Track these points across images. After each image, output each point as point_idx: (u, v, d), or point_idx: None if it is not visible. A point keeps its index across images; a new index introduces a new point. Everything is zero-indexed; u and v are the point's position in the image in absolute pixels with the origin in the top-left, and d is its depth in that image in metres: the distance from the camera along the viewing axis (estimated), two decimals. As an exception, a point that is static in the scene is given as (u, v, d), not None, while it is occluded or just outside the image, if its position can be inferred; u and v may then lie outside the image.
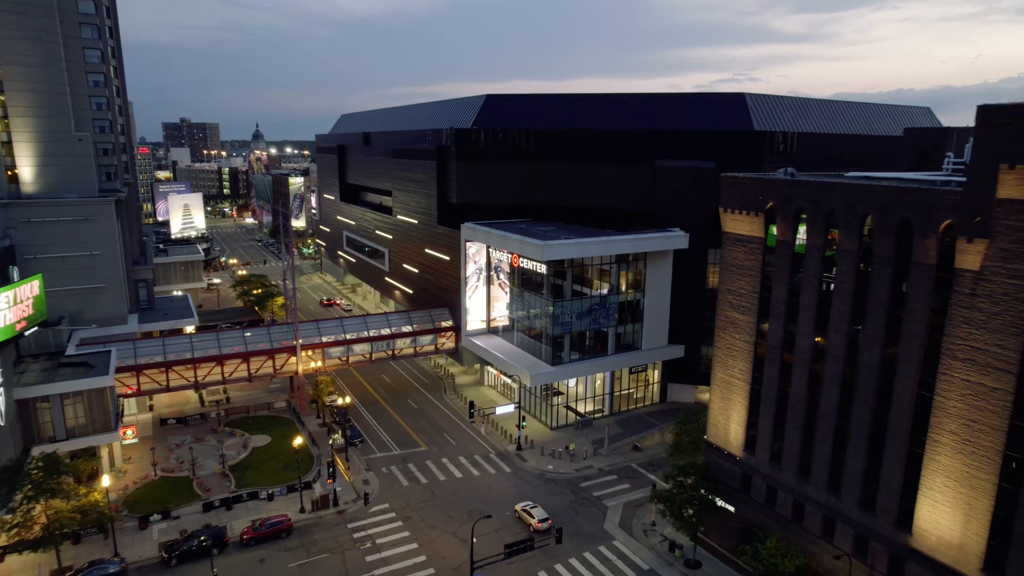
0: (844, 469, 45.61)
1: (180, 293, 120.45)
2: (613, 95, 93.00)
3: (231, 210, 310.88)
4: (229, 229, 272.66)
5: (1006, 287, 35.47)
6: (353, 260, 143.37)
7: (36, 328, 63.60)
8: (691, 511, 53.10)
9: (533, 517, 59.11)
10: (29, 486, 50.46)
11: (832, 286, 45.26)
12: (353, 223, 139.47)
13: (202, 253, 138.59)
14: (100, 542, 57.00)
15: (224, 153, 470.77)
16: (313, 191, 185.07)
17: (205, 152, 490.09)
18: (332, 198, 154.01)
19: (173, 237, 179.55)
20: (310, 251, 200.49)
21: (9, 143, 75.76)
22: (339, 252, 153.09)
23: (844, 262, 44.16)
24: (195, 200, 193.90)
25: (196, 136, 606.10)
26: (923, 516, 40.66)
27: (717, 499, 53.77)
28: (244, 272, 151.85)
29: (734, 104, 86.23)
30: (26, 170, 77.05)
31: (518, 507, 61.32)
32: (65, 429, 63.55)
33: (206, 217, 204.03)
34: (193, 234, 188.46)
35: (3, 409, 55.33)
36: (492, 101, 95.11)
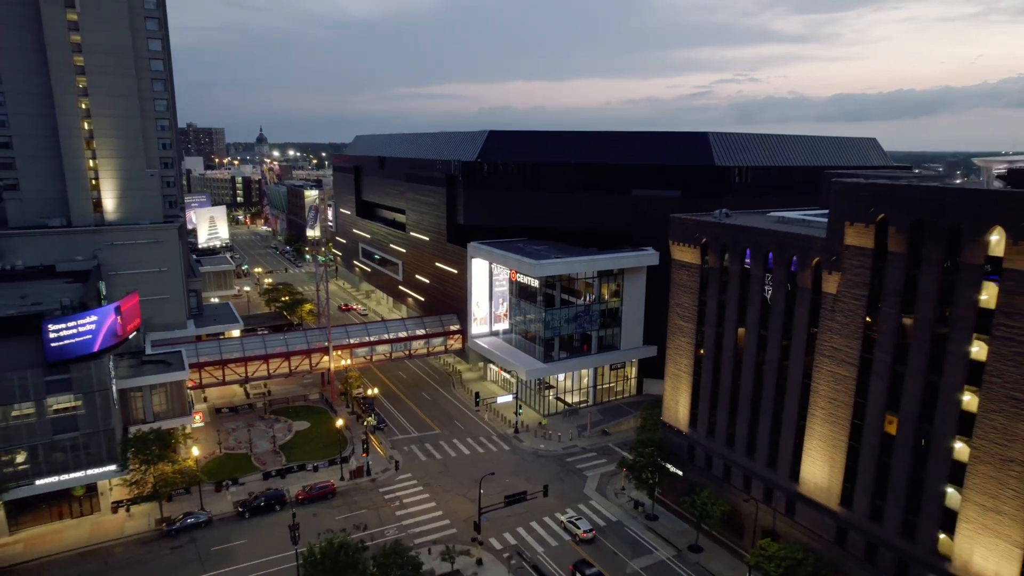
0: (756, 439, 61.30)
1: (217, 300, 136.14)
2: (596, 133, 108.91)
3: (245, 217, 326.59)
4: (244, 236, 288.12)
5: (851, 305, 51.16)
6: (368, 269, 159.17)
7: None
8: (649, 475, 68.90)
9: (579, 528, 66.22)
10: (144, 453, 66.30)
11: (746, 305, 60.97)
12: (369, 236, 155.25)
13: (233, 264, 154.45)
14: (187, 500, 72.70)
15: (237, 162, 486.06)
16: (330, 205, 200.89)
17: (216, 160, 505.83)
18: (348, 213, 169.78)
19: (200, 247, 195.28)
20: (323, 258, 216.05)
21: (96, 180, 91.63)
22: (355, 262, 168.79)
23: (754, 284, 59.89)
24: (220, 213, 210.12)
25: (203, 141, 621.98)
26: (806, 469, 56.34)
27: (669, 465, 69.45)
28: (270, 280, 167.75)
29: (698, 142, 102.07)
30: (109, 202, 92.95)
31: (563, 518, 68.14)
32: (152, 413, 79.30)
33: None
34: (218, 244, 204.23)
35: (116, 396, 71.08)
36: (493, 136, 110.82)
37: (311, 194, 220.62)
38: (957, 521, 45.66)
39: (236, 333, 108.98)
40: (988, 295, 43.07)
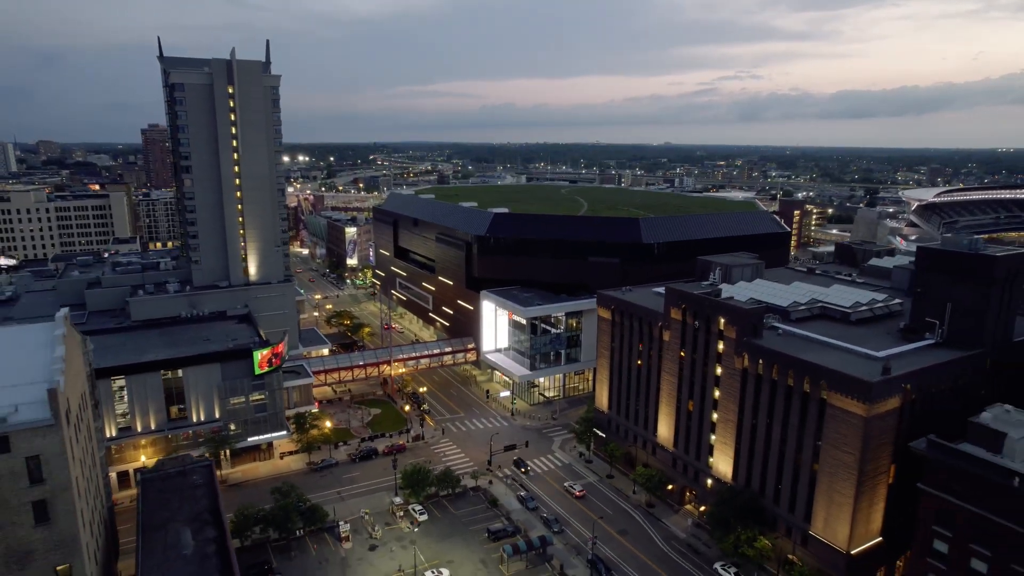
0: (638, 414, 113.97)
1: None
2: (567, 217, 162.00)
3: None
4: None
5: (674, 347, 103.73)
6: (404, 298, 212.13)
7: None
8: (587, 437, 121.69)
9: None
10: (295, 425, 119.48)
11: (633, 343, 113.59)
12: (405, 275, 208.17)
13: (303, 293, 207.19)
14: (317, 453, 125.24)
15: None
16: (369, 245, 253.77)
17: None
18: (386, 253, 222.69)
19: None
20: (360, 282, 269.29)
21: (245, 255, 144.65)
22: (392, 290, 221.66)
23: (637, 334, 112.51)
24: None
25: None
26: (659, 429, 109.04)
27: (597, 431, 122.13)
28: (331, 307, 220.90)
29: (632, 225, 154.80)
30: (252, 267, 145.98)
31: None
32: (293, 403, 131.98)
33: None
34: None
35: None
36: (498, 217, 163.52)
37: (350, 230, 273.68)
38: (713, 449, 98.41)
39: (325, 351, 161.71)
40: (721, 346, 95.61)
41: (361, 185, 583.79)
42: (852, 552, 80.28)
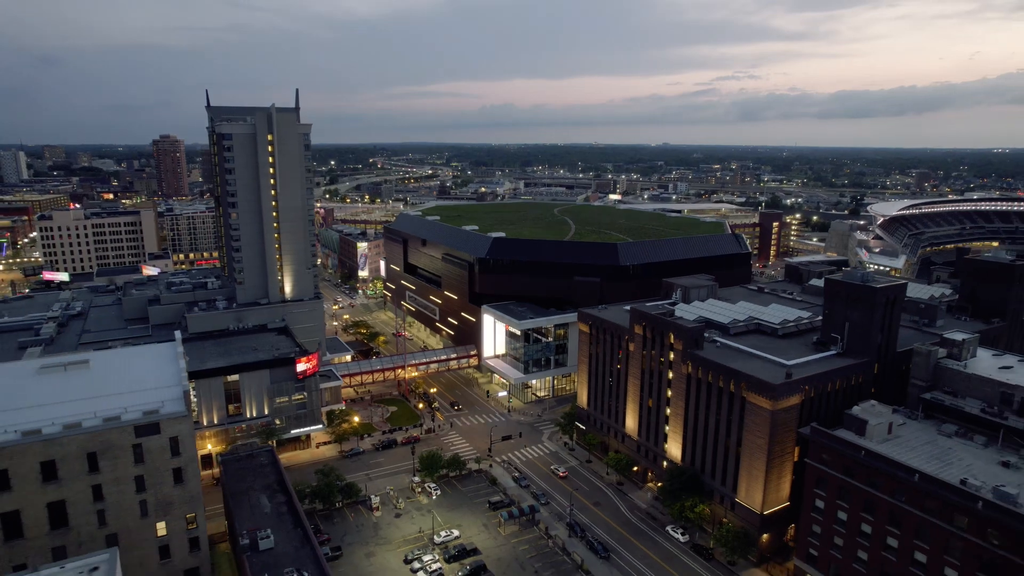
0: (610, 408, 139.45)
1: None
2: (556, 242, 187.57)
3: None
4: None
5: (638, 356, 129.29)
6: (413, 309, 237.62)
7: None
8: (570, 430, 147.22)
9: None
10: (328, 420, 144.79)
11: (606, 352, 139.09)
12: (414, 288, 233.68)
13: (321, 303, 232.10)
14: (348, 442, 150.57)
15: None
16: (380, 256, 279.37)
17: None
18: (397, 268, 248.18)
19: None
20: (371, 292, 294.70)
21: (281, 276, 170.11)
22: (402, 302, 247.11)
23: (609, 344, 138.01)
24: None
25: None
26: (626, 421, 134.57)
27: (579, 424, 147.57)
28: (347, 316, 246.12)
29: (611, 249, 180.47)
30: (287, 287, 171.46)
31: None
32: (324, 402, 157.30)
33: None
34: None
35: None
36: (496, 241, 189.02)
37: (362, 245, 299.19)
38: (668, 437, 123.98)
39: (348, 358, 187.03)
40: (672, 355, 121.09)
41: (367, 197, 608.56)
42: (765, 513, 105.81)
